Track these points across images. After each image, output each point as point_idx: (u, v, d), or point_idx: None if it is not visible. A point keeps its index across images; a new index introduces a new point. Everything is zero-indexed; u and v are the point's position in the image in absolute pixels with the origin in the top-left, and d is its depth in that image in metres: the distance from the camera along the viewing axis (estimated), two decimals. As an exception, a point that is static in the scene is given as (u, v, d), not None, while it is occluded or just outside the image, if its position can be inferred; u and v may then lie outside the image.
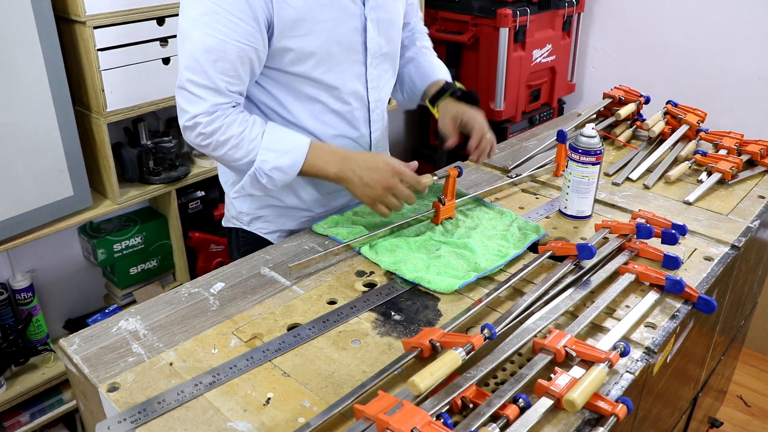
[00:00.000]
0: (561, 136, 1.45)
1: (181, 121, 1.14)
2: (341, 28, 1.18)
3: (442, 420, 0.75)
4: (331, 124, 1.26)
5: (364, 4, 1.20)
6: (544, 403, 0.79)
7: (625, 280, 1.05)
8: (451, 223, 1.26)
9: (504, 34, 2.44)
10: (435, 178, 1.25)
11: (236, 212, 1.37)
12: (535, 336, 0.91)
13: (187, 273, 2.07)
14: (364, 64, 1.25)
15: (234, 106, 1.15)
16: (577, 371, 0.83)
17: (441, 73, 1.45)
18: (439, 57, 2.72)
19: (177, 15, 1.70)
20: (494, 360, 0.85)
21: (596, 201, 1.33)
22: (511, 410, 0.77)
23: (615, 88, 1.81)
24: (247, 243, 1.36)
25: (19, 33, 1.46)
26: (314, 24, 1.14)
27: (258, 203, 1.33)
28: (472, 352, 0.84)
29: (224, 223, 1.44)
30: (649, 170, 1.50)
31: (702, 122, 1.66)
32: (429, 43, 1.53)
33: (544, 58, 2.67)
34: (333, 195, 1.36)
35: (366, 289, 1.07)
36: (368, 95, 1.29)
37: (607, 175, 1.50)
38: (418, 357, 0.88)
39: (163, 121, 2.00)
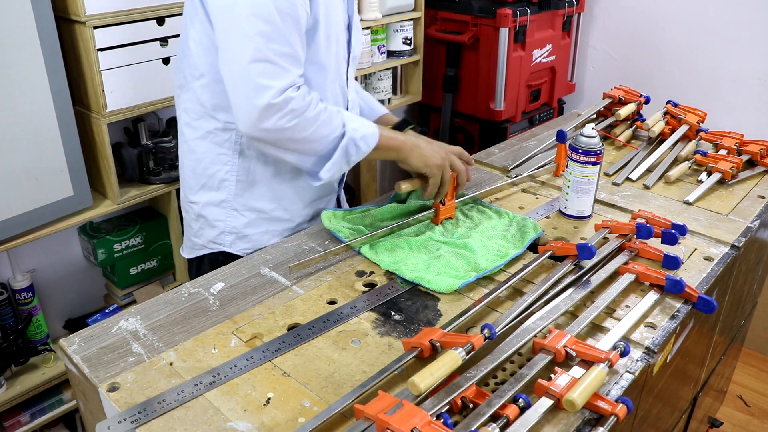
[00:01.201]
0: (561, 136, 1.45)
1: (261, 102, 1.02)
2: (341, 23, 1.19)
3: (442, 420, 0.75)
4: None
5: (348, 4, 1.23)
6: (544, 403, 0.79)
7: (625, 280, 1.05)
8: (451, 223, 1.26)
9: (504, 34, 2.44)
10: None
11: (216, 233, 1.28)
12: (535, 336, 0.91)
13: (187, 273, 2.06)
14: (346, 62, 1.26)
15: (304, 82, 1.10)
16: (577, 371, 0.84)
17: (382, 107, 1.48)
18: (439, 57, 2.73)
19: (177, 15, 1.71)
20: (494, 360, 0.85)
21: (596, 201, 1.33)
22: (511, 410, 0.78)
23: (615, 88, 1.81)
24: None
25: (19, 33, 1.46)
26: (330, 22, 1.15)
27: (242, 219, 1.27)
28: (472, 352, 0.84)
29: (191, 254, 1.34)
30: (649, 170, 1.51)
31: (702, 122, 1.66)
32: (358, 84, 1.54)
33: (544, 58, 2.67)
34: (316, 202, 1.34)
35: (366, 289, 1.07)
36: (347, 95, 1.30)
37: (607, 175, 1.50)
38: (418, 357, 0.88)
39: (163, 121, 2.00)
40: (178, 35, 1.74)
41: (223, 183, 1.25)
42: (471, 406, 0.80)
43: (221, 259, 1.29)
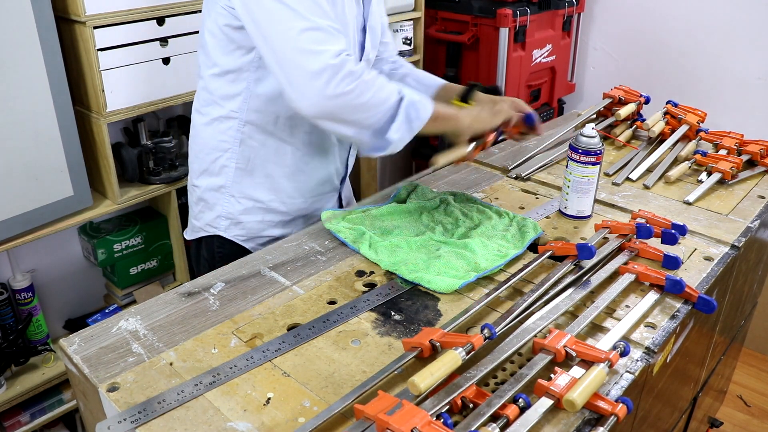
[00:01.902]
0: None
1: (317, 65, 1.00)
2: (353, 25, 1.20)
3: (442, 420, 0.75)
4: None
5: (364, 7, 1.23)
6: (544, 403, 0.79)
7: (625, 280, 1.05)
8: (451, 223, 1.26)
9: (504, 34, 2.44)
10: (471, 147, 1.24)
11: (213, 216, 1.32)
12: (535, 336, 0.91)
13: (187, 273, 2.07)
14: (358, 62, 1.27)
15: None
16: (577, 371, 0.84)
17: (438, 79, 1.48)
18: (439, 57, 2.73)
19: (176, 15, 1.72)
20: (494, 360, 0.85)
21: (596, 201, 1.33)
22: (511, 410, 0.78)
23: (615, 88, 1.81)
24: (224, 252, 1.33)
25: (19, 33, 1.46)
26: (342, 17, 1.16)
27: (238, 206, 1.30)
28: (472, 352, 0.84)
29: (190, 235, 1.39)
30: (649, 170, 1.51)
31: (702, 122, 1.66)
32: (410, 64, 1.55)
33: (544, 58, 2.67)
34: (315, 199, 1.36)
35: (366, 289, 1.07)
36: None
37: (607, 175, 1.50)
38: (418, 357, 0.88)
39: (163, 121, 2.00)
40: (178, 35, 1.74)
41: (223, 169, 1.28)
42: (471, 406, 0.80)
43: (216, 243, 1.33)
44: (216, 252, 1.34)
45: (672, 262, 1.10)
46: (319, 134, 1.29)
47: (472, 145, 1.22)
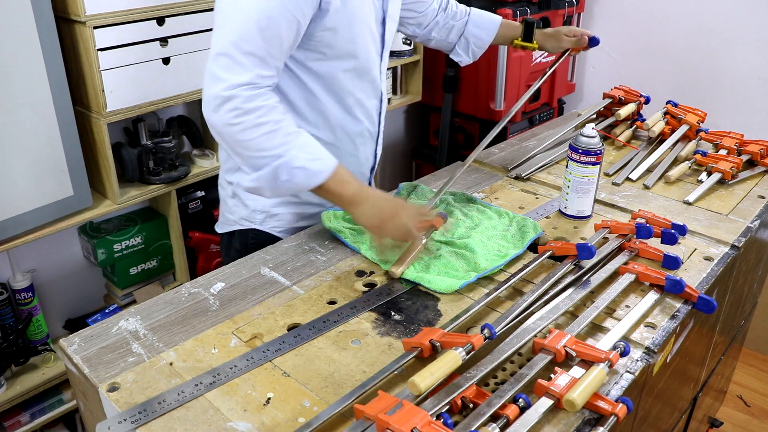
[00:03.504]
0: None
1: (213, 91, 1.04)
2: (371, 17, 1.21)
3: (442, 420, 0.75)
4: (359, 118, 1.29)
5: (384, 1, 1.25)
6: (544, 403, 0.79)
7: (625, 280, 1.05)
8: (450, 223, 1.26)
9: (504, 34, 2.43)
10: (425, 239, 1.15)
11: (248, 212, 1.33)
12: (535, 336, 0.91)
13: (187, 273, 2.07)
14: (380, 55, 1.28)
15: (273, 89, 1.09)
16: (577, 371, 0.84)
17: (495, 17, 1.58)
18: (439, 57, 2.73)
19: (176, 15, 1.71)
20: (494, 360, 0.85)
21: (596, 201, 1.33)
22: (511, 410, 0.78)
23: (615, 88, 1.81)
24: (259, 244, 1.31)
25: (19, 33, 1.46)
26: (354, 10, 1.16)
27: (275, 200, 1.31)
28: (472, 352, 0.84)
29: (223, 228, 1.39)
30: (649, 170, 1.51)
31: (702, 122, 1.66)
32: (463, 8, 1.61)
33: (544, 58, 2.67)
34: None
35: (366, 289, 1.07)
36: (381, 88, 1.32)
37: (607, 175, 1.50)
38: (418, 357, 0.88)
39: (163, 121, 2.00)
40: (178, 35, 1.74)
41: None
42: (471, 406, 0.80)
43: (251, 235, 1.35)
44: (250, 243, 1.35)
45: (672, 262, 1.10)
46: (347, 125, 1.29)
47: (424, 237, 1.14)
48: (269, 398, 0.83)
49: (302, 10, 1.07)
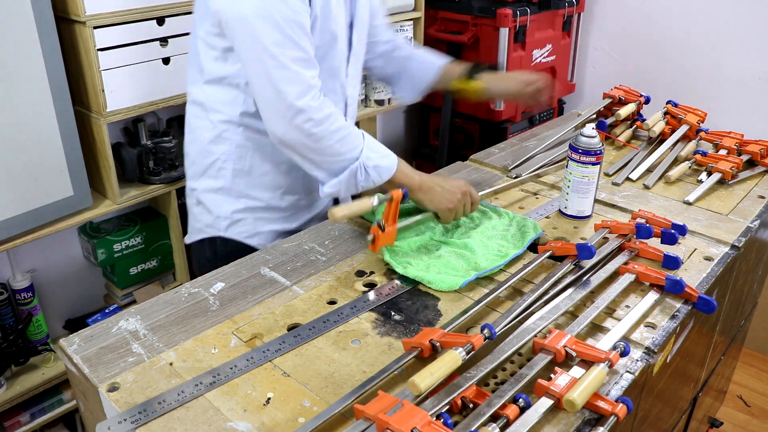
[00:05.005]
0: (601, 125, 1.57)
1: (285, 103, 1.09)
2: (341, 21, 1.21)
3: (442, 420, 0.75)
4: None
5: (351, 2, 1.24)
6: (544, 403, 0.79)
7: (625, 280, 1.05)
8: (451, 223, 1.26)
9: (504, 34, 2.44)
10: (375, 201, 1.13)
11: (212, 218, 1.32)
12: (535, 336, 0.91)
13: (187, 273, 2.07)
14: (347, 60, 1.28)
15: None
16: (577, 371, 0.84)
17: (441, 58, 1.50)
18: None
19: (177, 15, 1.71)
20: (494, 360, 0.85)
21: (596, 201, 1.33)
22: (511, 410, 0.77)
23: (615, 88, 1.81)
24: (227, 251, 1.31)
25: (19, 33, 1.46)
26: (327, 18, 1.17)
27: (238, 205, 1.31)
28: (472, 352, 0.84)
29: (191, 238, 1.38)
30: (649, 170, 1.50)
31: (702, 122, 1.66)
32: (411, 45, 1.56)
33: (544, 58, 2.67)
34: (310, 196, 1.37)
35: (366, 289, 1.07)
36: (346, 92, 1.32)
37: (607, 175, 1.50)
38: (418, 357, 0.88)
39: (163, 121, 2.00)
40: (178, 35, 1.74)
41: (220, 171, 1.28)
42: (471, 406, 0.80)
43: (218, 243, 1.34)
44: (219, 252, 1.34)
45: (672, 262, 1.10)
46: None
47: (376, 198, 1.12)
48: (269, 398, 0.83)
49: (302, 5, 1.11)
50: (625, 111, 1.71)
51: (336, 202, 1.46)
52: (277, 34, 1.07)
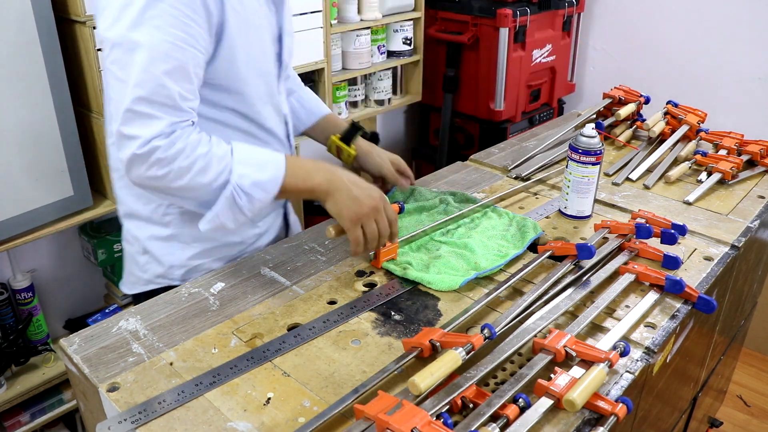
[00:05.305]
0: (599, 125, 1.58)
1: (128, 152, 0.93)
2: (267, 36, 1.10)
3: (442, 420, 0.75)
4: (276, 149, 1.16)
5: (277, 14, 1.13)
6: (544, 403, 0.79)
7: (625, 280, 1.05)
8: (452, 224, 1.26)
9: (504, 34, 2.44)
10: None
11: (164, 269, 1.17)
12: (535, 336, 0.91)
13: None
14: (278, 77, 1.17)
15: (191, 124, 0.97)
16: (577, 371, 0.84)
17: (324, 107, 1.40)
18: (439, 57, 2.73)
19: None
20: (494, 360, 0.85)
21: (596, 201, 1.33)
22: (511, 410, 0.78)
23: (615, 88, 1.81)
24: None
25: (19, 33, 1.46)
26: (250, 30, 1.04)
27: (192, 251, 1.16)
28: (472, 352, 0.84)
29: (133, 288, 1.22)
30: (649, 170, 1.51)
31: (702, 122, 1.66)
32: (299, 79, 1.42)
33: (544, 58, 2.67)
34: (263, 222, 1.24)
35: (366, 289, 1.07)
36: (282, 110, 1.21)
37: (607, 175, 1.50)
38: (418, 357, 0.88)
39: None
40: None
41: (166, 217, 1.14)
42: (471, 406, 0.80)
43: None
44: None
45: (672, 262, 1.10)
46: None
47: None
48: (269, 398, 0.83)
49: (205, 43, 0.97)
50: (625, 111, 1.71)
51: (286, 225, 1.36)
52: (142, 74, 0.91)
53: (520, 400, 0.79)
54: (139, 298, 1.21)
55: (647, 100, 1.77)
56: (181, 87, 0.94)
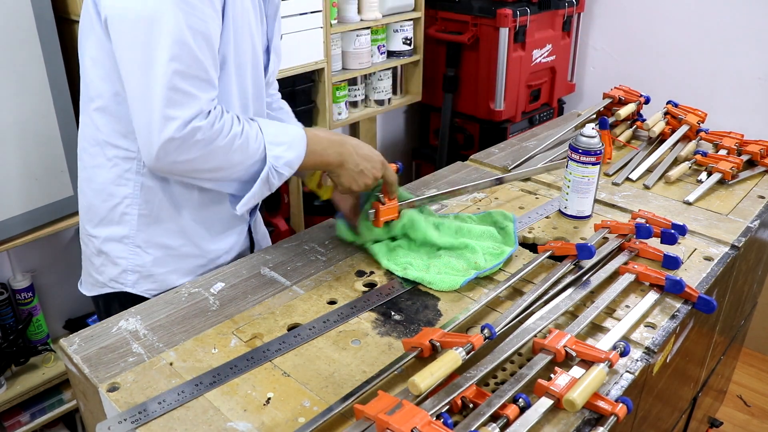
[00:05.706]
0: (603, 123, 1.55)
1: (166, 134, 0.91)
2: (257, 46, 1.09)
3: (442, 420, 0.75)
4: None
5: (267, 26, 1.13)
6: (544, 403, 0.79)
7: (625, 280, 1.05)
8: (446, 226, 1.25)
9: (504, 34, 2.44)
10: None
11: (118, 272, 1.13)
12: (535, 336, 0.91)
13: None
14: (263, 87, 1.16)
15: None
16: (577, 371, 0.84)
17: (301, 130, 1.33)
18: (439, 57, 2.73)
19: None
20: (494, 360, 0.85)
21: (596, 201, 1.33)
22: (511, 410, 0.78)
23: (615, 88, 1.81)
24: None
25: (19, 33, 1.46)
26: (244, 37, 1.04)
27: (149, 256, 1.13)
28: (472, 352, 0.84)
29: (91, 291, 1.19)
30: (649, 170, 1.51)
31: (702, 122, 1.66)
32: (286, 105, 1.37)
33: (544, 58, 2.67)
34: (225, 235, 1.19)
35: (366, 289, 1.07)
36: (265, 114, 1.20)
37: (607, 175, 1.50)
38: (418, 357, 0.88)
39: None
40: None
41: (124, 217, 1.10)
42: (471, 406, 0.80)
43: (124, 300, 1.15)
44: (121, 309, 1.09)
45: (672, 262, 1.10)
46: None
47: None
48: (269, 398, 0.83)
49: (213, 13, 0.96)
50: (625, 111, 1.71)
51: (252, 240, 1.31)
52: (173, 45, 0.90)
53: (520, 400, 0.79)
54: (97, 301, 1.19)
55: (647, 100, 1.77)
56: (211, 59, 0.94)
